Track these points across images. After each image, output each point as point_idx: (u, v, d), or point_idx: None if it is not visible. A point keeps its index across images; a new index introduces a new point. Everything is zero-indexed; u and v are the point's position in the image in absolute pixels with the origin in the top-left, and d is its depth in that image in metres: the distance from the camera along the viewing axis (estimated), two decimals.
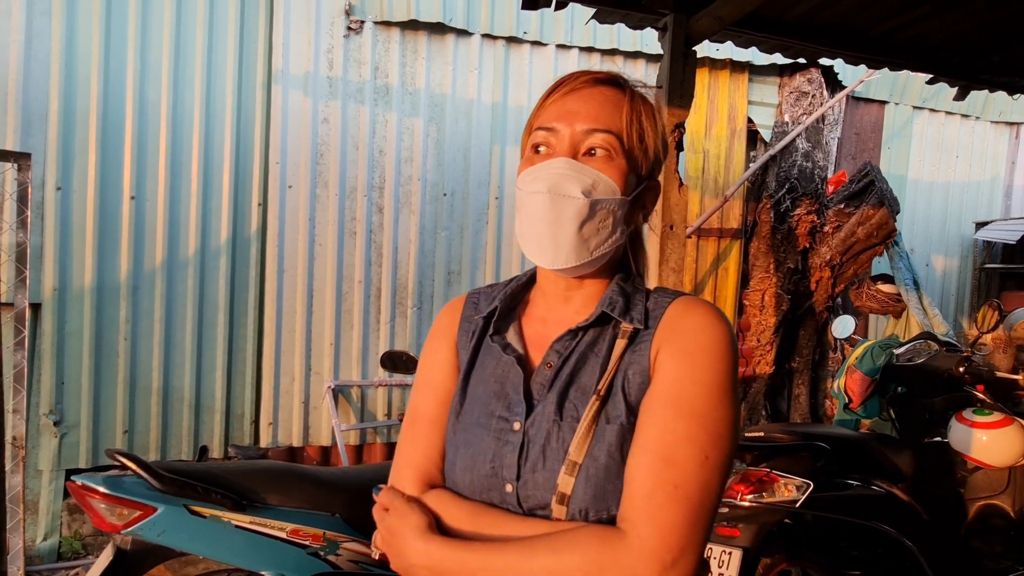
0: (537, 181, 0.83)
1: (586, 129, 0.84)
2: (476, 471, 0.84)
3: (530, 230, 0.85)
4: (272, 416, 3.91)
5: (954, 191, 5.94)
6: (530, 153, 0.87)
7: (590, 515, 0.77)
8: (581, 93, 0.86)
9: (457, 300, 1.01)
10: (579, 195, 0.82)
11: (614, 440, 0.78)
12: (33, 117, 3.35)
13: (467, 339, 0.94)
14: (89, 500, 1.66)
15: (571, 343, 0.87)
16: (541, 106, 0.89)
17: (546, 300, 0.93)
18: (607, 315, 0.86)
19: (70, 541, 3.48)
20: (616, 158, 0.84)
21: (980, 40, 3.27)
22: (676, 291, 0.90)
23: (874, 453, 2.59)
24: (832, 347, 5.09)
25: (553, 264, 0.85)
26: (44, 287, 3.39)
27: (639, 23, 3.13)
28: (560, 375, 0.85)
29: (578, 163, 0.83)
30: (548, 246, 0.84)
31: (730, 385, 0.80)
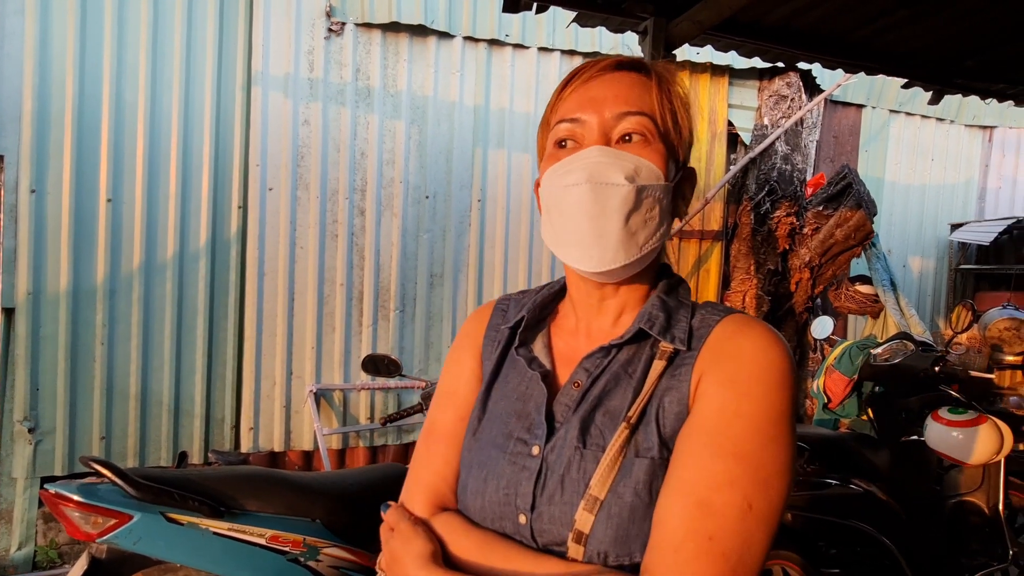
0: (571, 173, 0.74)
1: (617, 113, 0.75)
2: (488, 496, 0.76)
3: (569, 230, 0.75)
4: (253, 421, 3.87)
5: (930, 193, 6.05)
6: (553, 149, 0.78)
7: (610, 559, 0.68)
8: (604, 79, 0.77)
9: (485, 306, 0.93)
10: (623, 181, 0.72)
11: (643, 477, 0.69)
12: (6, 118, 3.29)
13: (492, 349, 0.87)
14: (63, 509, 1.63)
15: (602, 361, 0.78)
16: (559, 98, 0.80)
17: (576, 311, 0.84)
18: (644, 332, 0.77)
19: (45, 550, 3.42)
20: (653, 142, 0.75)
21: (954, 46, 3.33)
22: (727, 307, 0.80)
23: (853, 452, 2.62)
24: (811, 347, 5.15)
25: (600, 265, 0.74)
26: (18, 291, 3.33)
27: (620, 27, 3.15)
28: (587, 396, 0.76)
29: (614, 150, 0.74)
30: (593, 244, 0.74)
31: (784, 420, 0.69)
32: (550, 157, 0.78)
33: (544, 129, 0.82)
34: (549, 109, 0.81)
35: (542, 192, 0.79)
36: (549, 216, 0.78)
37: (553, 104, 0.80)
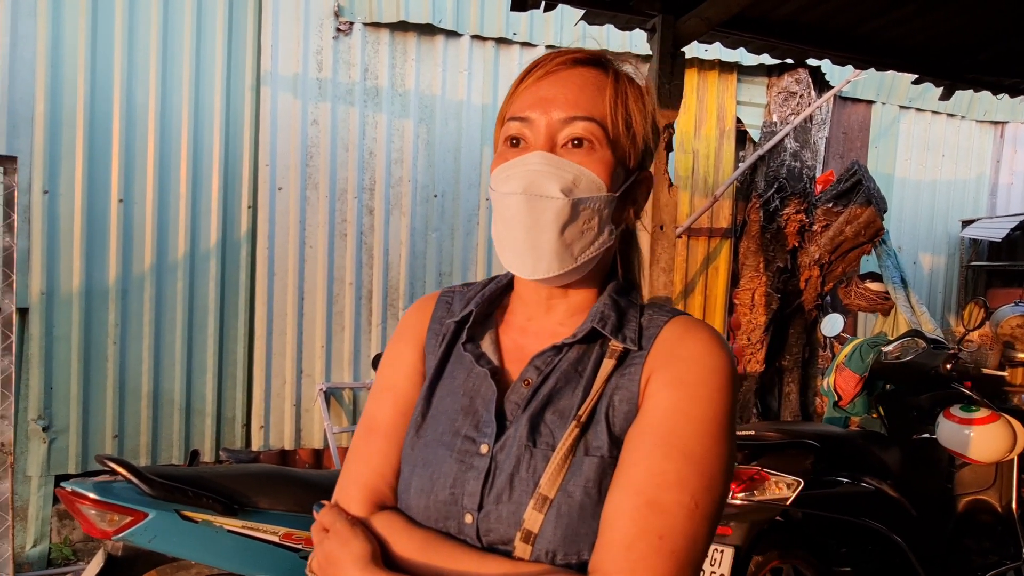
0: (510, 180, 0.74)
1: (564, 118, 0.73)
2: (434, 496, 0.74)
3: (506, 236, 0.75)
4: (264, 419, 3.89)
5: (940, 190, 6.00)
6: (503, 148, 0.77)
7: (558, 558, 0.68)
8: (558, 76, 0.76)
9: (428, 298, 0.90)
10: (558, 194, 0.72)
11: (592, 475, 0.69)
12: (19, 120, 3.32)
13: (436, 343, 0.84)
14: (79, 506, 1.65)
15: (553, 359, 0.77)
16: (514, 92, 0.78)
17: (526, 308, 0.83)
18: (597, 331, 0.77)
19: (60, 547, 3.45)
20: (600, 149, 0.74)
21: (965, 39, 3.30)
22: (673, 309, 0.80)
23: (863, 450, 2.61)
24: (821, 345, 5.13)
25: (533, 274, 0.75)
26: (32, 291, 3.36)
27: (627, 24, 3.14)
28: (538, 395, 0.75)
29: (556, 157, 0.73)
30: (526, 254, 0.74)
31: (728, 422, 0.71)
32: (499, 155, 0.78)
33: (499, 123, 0.80)
34: (505, 102, 0.79)
35: (491, 192, 0.79)
36: (493, 218, 0.78)
37: (509, 97, 0.79)
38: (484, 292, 0.85)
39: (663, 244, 2.99)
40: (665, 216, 2.99)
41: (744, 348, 5.02)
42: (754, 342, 4.96)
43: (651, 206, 2.97)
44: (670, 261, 3.02)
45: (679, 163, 4.83)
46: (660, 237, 2.99)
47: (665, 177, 2.98)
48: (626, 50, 4.57)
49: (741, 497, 2.33)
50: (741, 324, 5.04)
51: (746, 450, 2.50)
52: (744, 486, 2.35)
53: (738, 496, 2.34)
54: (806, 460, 2.47)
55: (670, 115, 2.97)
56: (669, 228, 3.00)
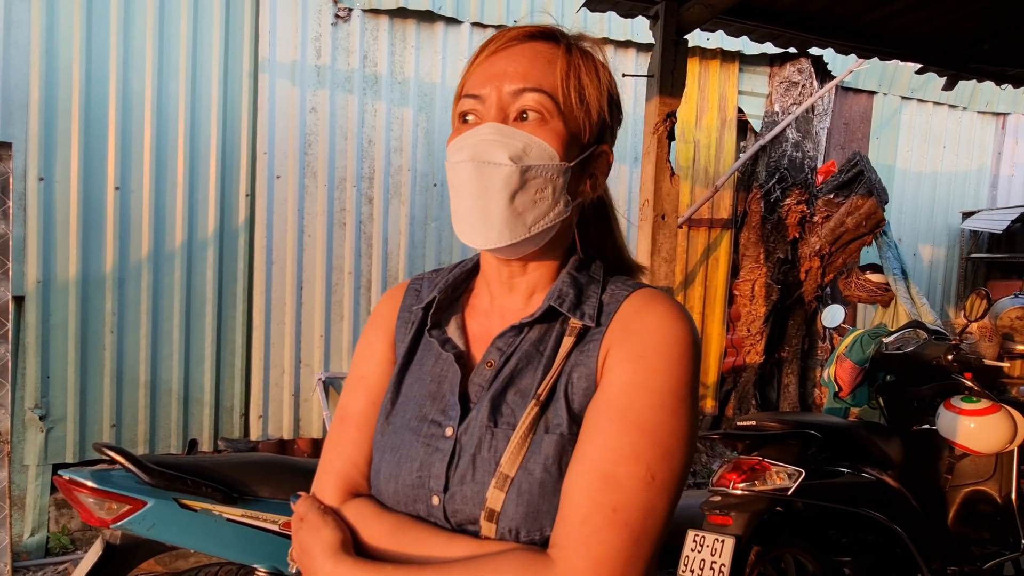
0: (461, 150, 0.74)
1: (514, 90, 0.74)
2: (401, 480, 0.75)
3: (458, 206, 0.76)
4: (262, 409, 3.88)
5: (941, 181, 5.99)
6: (457, 123, 0.78)
7: (521, 535, 0.69)
8: (510, 51, 0.76)
9: (398, 287, 0.91)
10: (506, 161, 0.72)
11: (552, 452, 0.69)
12: (13, 106, 3.28)
13: (405, 331, 0.85)
14: (77, 495, 1.63)
15: (515, 340, 0.77)
16: (468, 69, 0.79)
17: (489, 289, 0.83)
18: (555, 309, 0.77)
19: (58, 536, 3.45)
20: (551, 120, 0.74)
21: (969, 29, 3.28)
22: (637, 283, 0.80)
23: (864, 441, 2.61)
24: (821, 336, 5.13)
25: (486, 243, 0.74)
26: (28, 279, 3.34)
27: (630, 11, 3.11)
28: (500, 376, 0.75)
29: (506, 127, 0.73)
30: (477, 222, 0.74)
31: (686, 393, 0.70)
32: (454, 131, 0.78)
33: (456, 99, 0.80)
34: (461, 80, 0.80)
35: (446, 166, 0.79)
36: (449, 190, 0.78)
37: (464, 74, 0.79)
38: (449, 277, 0.86)
39: (665, 234, 2.98)
40: (666, 206, 2.97)
41: (744, 339, 5.02)
42: (754, 333, 4.96)
43: (653, 196, 2.96)
44: (671, 251, 3.00)
45: (680, 153, 4.80)
46: (662, 227, 2.97)
47: (667, 166, 2.96)
48: (628, 38, 4.54)
49: (742, 487, 2.33)
50: (741, 315, 5.03)
51: (747, 440, 2.49)
52: (745, 476, 2.35)
53: (739, 486, 2.33)
54: (807, 450, 2.47)
55: (672, 104, 2.94)
56: (671, 218, 2.99)
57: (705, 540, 2.25)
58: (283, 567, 1.70)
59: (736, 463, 2.41)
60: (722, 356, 5.06)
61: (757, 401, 5.09)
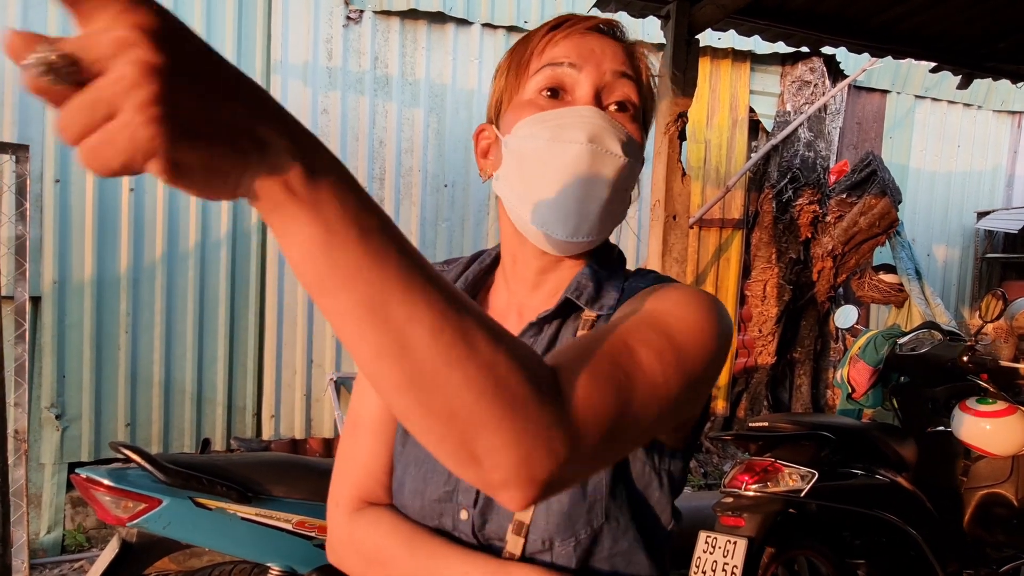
0: (569, 128, 0.66)
1: (615, 71, 0.69)
2: (428, 495, 0.71)
3: (551, 190, 0.67)
4: (274, 408, 3.90)
5: (956, 181, 5.93)
6: (535, 96, 0.69)
7: (556, 544, 0.65)
8: (598, 35, 0.71)
9: None
10: (620, 152, 0.67)
11: None
12: (30, 109, 3.32)
13: None
14: (94, 493, 1.65)
15: (534, 339, 0.73)
16: (547, 40, 0.70)
17: (509, 286, 0.78)
18: (572, 303, 0.72)
19: (74, 534, 3.48)
20: (638, 117, 0.71)
21: (984, 27, 3.25)
22: (661, 275, 0.75)
23: (878, 442, 2.59)
24: (834, 337, 5.09)
25: (574, 235, 0.68)
26: (44, 280, 3.37)
27: (642, 11, 3.11)
28: None
29: (609, 116, 0.68)
30: (574, 212, 0.67)
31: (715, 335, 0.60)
32: (531, 104, 0.69)
33: (516, 73, 0.71)
34: (528, 51, 0.71)
35: (515, 142, 0.69)
36: (523, 170, 0.69)
37: (536, 46, 0.71)
38: (468, 275, 0.80)
39: (676, 234, 2.97)
40: (678, 206, 2.96)
41: (755, 340, 4.99)
42: (765, 334, 4.93)
43: (664, 196, 2.95)
44: (683, 251, 2.99)
45: (691, 153, 4.78)
46: (673, 227, 2.96)
47: (678, 167, 2.95)
48: (639, 38, 4.52)
49: (754, 488, 2.32)
50: (753, 316, 5.01)
51: (760, 442, 2.48)
52: (758, 478, 2.34)
53: (751, 487, 2.32)
54: (820, 452, 2.46)
55: (684, 104, 2.93)
56: (682, 218, 2.98)
57: (717, 541, 2.24)
58: (296, 566, 1.71)
59: (748, 464, 2.40)
60: (734, 357, 5.04)
61: (769, 402, 5.06)
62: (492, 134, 0.75)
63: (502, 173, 0.73)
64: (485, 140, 0.77)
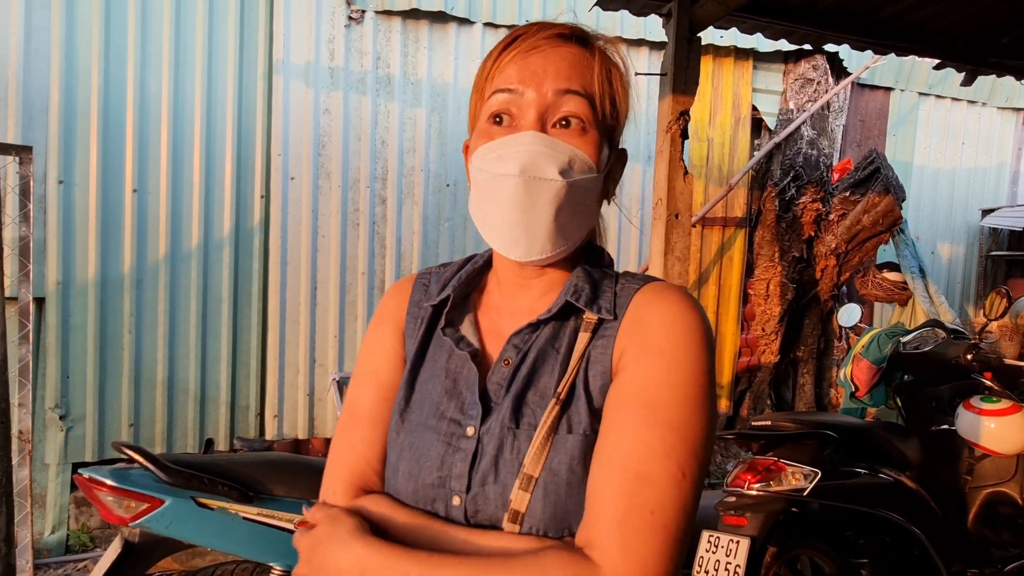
0: (505, 160, 0.70)
1: (557, 90, 0.71)
2: (421, 479, 0.73)
3: (498, 219, 0.73)
4: (277, 408, 3.91)
5: (960, 178, 5.90)
6: (487, 124, 0.74)
7: (549, 536, 0.68)
8: (545, 52, 0.73)
9: (405, 281, 0.89)
10: (556, 176, 0.70)
11: (577, 452, 0.69)
12: (34, 110, 3.33)
13: (415, 327, 0.83)
14: (97, 493, 1.66)
15: (530, 337, 0.76)
16: (495, 65, 0.74)
17: (501, 287, 0.82)
18: (571, 305, 0.76)
19: (78, 534, 3.50)
20: (590, 129, 0.73)
21: (988, 23, 3.23)
22: (646, 276, 0.79)
23: (881, 441, 2.58)
24: (837, 336, 5.08)
25: (526, 256, 0.73)
26: (48, 281, 3.39)
27: (643, 9, 3.10)
28: (518, 374, 0.74)
29: (549, 138, 0.71)
30: (521, 237, 0.72)
31: (707, 385, 0.70)
32: (483, 133, 0.74)
33: (478, 97, 0.77)
34: (483, 76, 0.76)
35: (472, 170, 0.76)
36: (479, 200, 0.76)
37: (488, 71, 0.75)
38: (461, 275, 0.83)
39: (678, 233, 2.96)
40: (680, 204, 2.95)
41: (758, 339, 4.98)
42: (768, 333, 4.92)
43: (666, 195, 2.94)
44: (685, 250, 2.99)
45: (693, 151, 4.77)
46: (675, 226, 2.96)
47: (680, 165, 2.95)
48: (640, 36, 4.52)
49: (757, 488, 2.31)
50: (756, 314, 5.00)
51: (762, 440, 2.47)
52: (760, 477, 2.33)
53: (754, 487, 2.32)
54: (823, 451, 2.45)
55: (685, 102, 2.93)
56: (684, 217, 2.97)
57: (720, 541, 2.24)
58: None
59: (751, 463, 2.40)
60: (736, 356, 5.03)
61: (772, 401, 5.05)
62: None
63: (471, 196, 0.79)
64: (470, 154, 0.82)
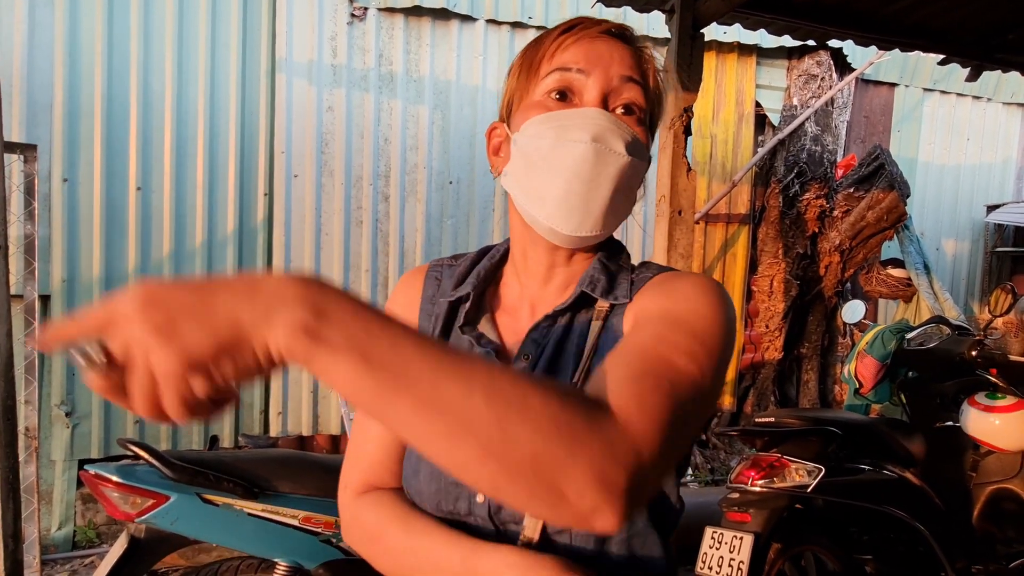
0: (574, 128, 0.70)
1: (623, 75, 0.72)
2: (444, 478, 0.72)
3: (556, 188, 0.71)
4: (281, 405, 3.92)
5: (965, 174, 5.88)
6: (544, 98, 0.73)
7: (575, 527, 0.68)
8: (606, 40, 0.74)
9: (415, 273, 0.87)
10: (623, 151, 0.71)
11: None
12: (38, 108, 3.34)
13: (429, 324, 0.82)
14: (103, 489, 1.66)
15: (548, 330, 0.76)
16: (557, 44, 0.74)
17: (520, 279, 0.81)
18: (587, 296, 0.75)
19: (84, 530, 3.52)
20: (643, 118, 0.75)
21: (993, 18, 3.21)
22: (664, 267, 0.80)
23: (885, 438, 2.58)
24: (841, 332, 5.07)
25: (578, 230, 0.72)
26: (53, 278, 3.40)
27: (646, 6, 3.09)
28: (537, 369, 0.74)
29: (614, 116, 0.72)
30: (578, 207, 0.71)
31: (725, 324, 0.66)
32: (539, 105, 0.73)
33: (528, 73, 0.75)
34: (538, 55, 0.75)
35: (523, 140, 0.74)
36: (528, 168, 0.73)
37: (546, 50, 0.74)
38: (479, 270, 0.82)
39: (681, 229, 2.96)
40: (683, 201, 2.95)
41: (762, 335, 4.97)
42: (772, 329, 4.91)
43: (669, 191, 2.94)
44: (688, 247, 2.98)
45: (697, 148, 4.76)
46: (678, 222, 2.95)
47: (683, 162, 2.94)
48: (644, 33, 4.49)
49: (761, 484, 2.31)
50: (759, 311, 4.99)
51: (766, 437, 2.47)
52: (764, 473, 2.33)
53: (758, 483, 2.32)
54: (827, 447, 2.45)
55: (689, 99, 2.92)
56: (688, 213, 2.97)
57: (723, 537, 2.24)
58: (303, 561, 1.72)
59: (755, 460, 2.40)
60: (740, 352, 5.02)
61: (776, 398, 5.04)
62: (503, 132, 0.79)
63: (511, 169, 0.77)
64: (497, 138, 0.81)
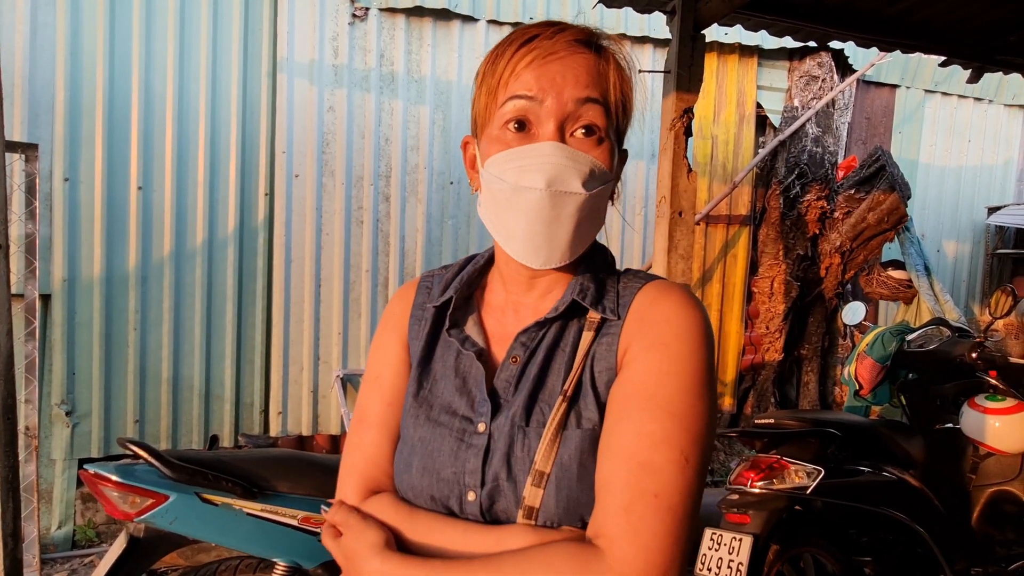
0: (529, 172, 0.71)
1: (577, 98, 0.71)
2: (436, 474, 0.75)
3: (519, 230, 0.73)
4: (281, 405, 3.92)
5: (966, 176, 5.87)
6: (501, 131, 0.73)
7: (563, 527, 0.71)
8: (563, 59, 0.72)
9: (409, 285, 0.91)
10: (580, 189, 0.71)
11: (586, 446, 0.71)
12: (39, 108, 3.35)
13: (419, 328, 0.85)
14: (102, 488, 1.67)
15: (537, 335, 0.78)
16: (510, 68, 0.73)
17: (505, 286, 0.83)
18: (577, 304, 0.77)
19: (84, 529, 3.52)
20: (606, 138, 0.74)
21: (995, 20, 3.21)
22: (648, 275, 0.81)
23: (885, 439, 2.58)
24: (842, 334, 5.07)
25: (546, 264, 0.75)
26: (54, 278, 3.40)
27: (647, 7, 3.09)
28: (527, 373, 0.76)
29: (571, 149, 0.71)
30: (542, 247, 0.74)
31: (707, 378, 0.72)
32: (497, 140, 0.74)
33: (488, 99, 0.75)
34: (496, 78, 0.74)
35: (488, 177, 0.75)
36: (496, 206, 0.75)
37: (502, 75, 0.74)
38: (462, 276, 0.85)
39: (682, 231, 2.96)
40: (684, 202, 2.95)
41: (762, 337, 4.97)
42: (773, 331, 4.91)
43: (670, 193, 2.94)
44: (689, 248, 2.98)
45: (697, 149, 4.77)
46: (679, 224, 2.95)
47: (684, 163, 2.94)
48: (644, 34, 4.51)
49: (760, 486, 2.31)
50: (760, 312, 4.99)
51: (765, 438, 2.47)
52: (763, 474, 2.33)
53: (757, 484, 2.32)
54: (827, 449, 2.45)
55: (689, 100, 2.92)
56: (688, 215, 2.97)
57: (723, 538, 2.24)
58: (302, 561, 1.72)
59: (754, 461, 2.40)
60: (740, 353, 5.02)
61: (776, 399, 5.04)
62: (474, 149, 0.81)
63: (483, 200, 0.79)
64: (471, 152, 0.82)
